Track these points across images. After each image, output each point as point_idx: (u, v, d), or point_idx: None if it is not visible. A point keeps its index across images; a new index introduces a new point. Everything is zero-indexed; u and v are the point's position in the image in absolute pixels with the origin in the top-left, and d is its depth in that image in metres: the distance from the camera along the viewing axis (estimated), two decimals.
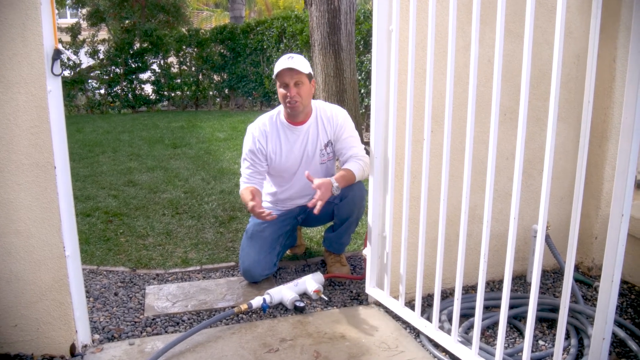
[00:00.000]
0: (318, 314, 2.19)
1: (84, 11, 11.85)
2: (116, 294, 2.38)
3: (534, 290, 1.49)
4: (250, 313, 2.18)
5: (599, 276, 1.44)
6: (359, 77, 6.73)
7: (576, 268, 2.54)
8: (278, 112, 2.48)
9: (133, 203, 3.81)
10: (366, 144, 2.51)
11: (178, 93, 10.55)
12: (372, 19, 2.02)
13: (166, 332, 2.06)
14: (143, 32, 9.99)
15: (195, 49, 10.37)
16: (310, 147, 2.45)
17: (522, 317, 2.03)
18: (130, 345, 1.95)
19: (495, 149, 1.57)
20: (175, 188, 4.23)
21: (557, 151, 2.25)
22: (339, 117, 2.46)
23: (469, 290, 2.33)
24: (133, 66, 10.14)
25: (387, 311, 2.17)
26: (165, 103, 10.69)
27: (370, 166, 2.17)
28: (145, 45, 10.14)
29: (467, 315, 2.00)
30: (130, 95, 10.22)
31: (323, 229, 2.97)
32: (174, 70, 10.47)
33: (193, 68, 10.53)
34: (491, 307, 2.11)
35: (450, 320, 1.89)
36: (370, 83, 3.51)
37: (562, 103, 2.28)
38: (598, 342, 1.45)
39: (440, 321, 1.95)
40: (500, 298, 1.65)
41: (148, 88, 10.40)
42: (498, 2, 1.47)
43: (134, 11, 11.03)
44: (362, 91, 6.80)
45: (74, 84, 9.81)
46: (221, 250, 2.92)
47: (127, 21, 10.80)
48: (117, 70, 10.12)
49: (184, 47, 10.34)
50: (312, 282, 2.32)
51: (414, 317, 1.99)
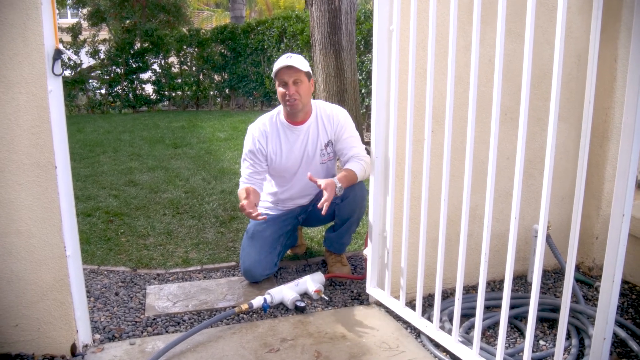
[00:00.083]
0: (319, 314, 2.19)
1: (85, 11, 11.86)
2: (117, 294, 2.38)
3: (535, 290, 1.49)
4: (251, 313, 2.19)
5: (600, 276, 1.44)
6: (360, 77, 6.72)
7: (577, 268, 2.54)
8: (278, 112, 2.48)
9: (134, 203, 3.81)
10: (367, 144, 2.51)
11: (179, 93, 10.55)
12: (373, 19, 2.02)
13: (167, 332, 2.06)
14: (144, 32, 9.99)
15: (196, 49, 10.37)
16: (310, 147, 2.45)
17: (523, 317, 2.02)
18: (131, 345, 1.95)
19: (496, 149, 1.56)
20: (176, 188, 4.23)
21: (558, 151, 2.25)
22: (340, 117, 2.46)
23: (470, 290, 2.33)
24: (134, 66, 10.14)
25: (388, 311, 2.17)
26: (166, 103, 10.69)
27: (371, 166, 2.17)
28: (146, 45, 10.14)
29: (468, 315, 2.00)
30: (131, 95, 10.22)
31: (324, 229, 2.97)
32: (175, 70, 10.47)
33: (194, 68, 10.54)
34: (492, 307, 2.11)
35: (451, 320, 1.89)
36: (370, 83, 3.51)
37: (563, 103, 2.28)
38: (599, 342, 1.44)
39: (441, 321, 1.95)
40: (501, 298, 1.65)
41: (149, 88, 10.41)
42: (499, 2, 1.47)
43: (135, 11, 11.04)
44: (363, 91, 6.79)
45: (75, 84, 9.81)
46: (222, 250, 2.92)
47: (128, 21, 10.81)
48: (118, 70, 10.12)
49: (185, 47, 10.34)
50: (313, 282, 2.31)
51: (415, 317, 1.99)
